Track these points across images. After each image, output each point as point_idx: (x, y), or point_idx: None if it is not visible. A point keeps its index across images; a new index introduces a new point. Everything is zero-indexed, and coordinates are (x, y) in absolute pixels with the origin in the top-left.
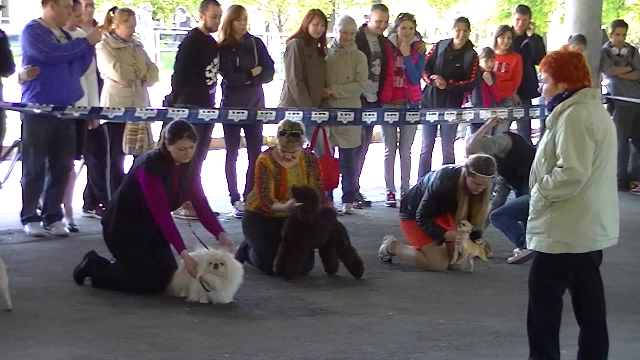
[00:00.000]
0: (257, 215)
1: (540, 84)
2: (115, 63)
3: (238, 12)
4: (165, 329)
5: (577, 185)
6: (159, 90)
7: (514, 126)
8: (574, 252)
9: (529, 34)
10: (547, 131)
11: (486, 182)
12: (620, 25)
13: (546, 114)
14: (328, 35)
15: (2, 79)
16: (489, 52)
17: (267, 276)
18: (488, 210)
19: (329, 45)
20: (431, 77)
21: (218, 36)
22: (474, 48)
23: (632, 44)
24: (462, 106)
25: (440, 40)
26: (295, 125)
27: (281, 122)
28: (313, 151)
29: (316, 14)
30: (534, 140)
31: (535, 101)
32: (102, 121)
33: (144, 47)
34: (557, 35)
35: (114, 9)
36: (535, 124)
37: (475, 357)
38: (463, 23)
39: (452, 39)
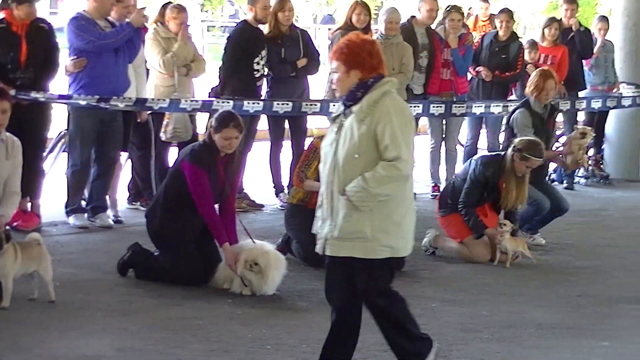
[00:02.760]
0: (300, 208)
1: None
2: (160, 51)
3: (282, 3)
4: (209, 320)
5: (407, 179)
6: (207, 82)
7: (560, 117)
8: (397, 256)
9: (574, 28)
10: (350, 124)
11: (537, 165)
12: None
13: (593, 106)
14: (374, 27)
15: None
16: (532, 44)
17: (311, 268)
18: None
19: (374, 37)
20: (477, 69)
21: (265, 28)
22: (519, 39)
23: None
24: (508, 98)
25: (486, 33)
26: None
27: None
28: None
29: (359, 4)
30: None
31: (581, 94)
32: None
33: (192, 38)
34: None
35: (167, 5)
36: (581, 116)
37: (517, 349)
38: (505, 14)
39: (497, 31)
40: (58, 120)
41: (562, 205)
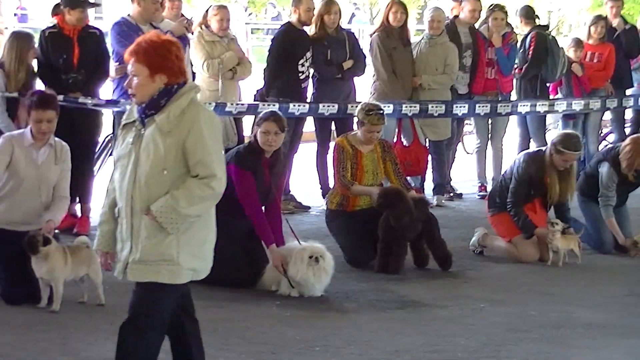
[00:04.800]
0: (339, 213)
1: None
2: (206, 59)
3: (329, 6)
4: (256, 322)
5: (219, 198)
6: (252, 85)
7: (607, 116)
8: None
9: (618, 28)
10: (152, 135)
11: (574, 158)
12: None
13: None
14: (419, 27)
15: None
16: (578, 43)
17: (358, 269)
18: (575, 184)
19: (418, 38)
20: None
21: (310, 29)
22: (534, 31)
23: None
24: (556, 97)
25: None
26: (378, 105)
27: (361, 104)
28: (402, 137)
29: (395, 3)
30: (627, 131)
31: (628, 92)
32: None
33: (237, 40)
34: None
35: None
36: (628, 114)
37: (567, 349)
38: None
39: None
40: (104, 125)
41: (622, 249)
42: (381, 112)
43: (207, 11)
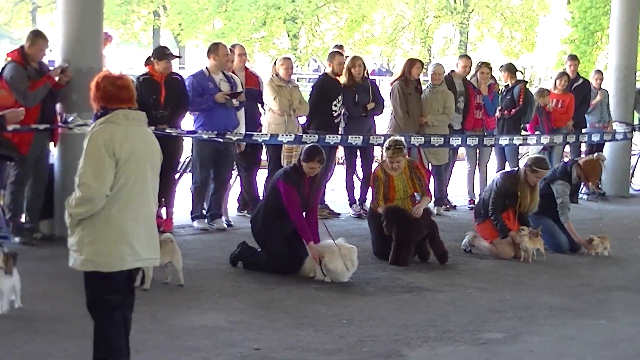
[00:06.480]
0: (379, 215)
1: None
2: (276, 97)
3: (354, 61)
4: (298, 301)
5: (92, 202)
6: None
7: (567, 148)
8: (103, 271)
9: (580, 81)
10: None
11: (544, 174)
12: None
13: (593, 139)
14: (424, 78)
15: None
16: (543, 91)
17: (376, 261)
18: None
19: (424, 86)
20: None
21: (342, 79)
22: (519, 84)
23: None
24: (529, 134)
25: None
26: (399, 141)
27: (387, 140)
28: None
29: (417, 61)
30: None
31: (583, 131)
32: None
33: (299, 87)
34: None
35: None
36: (583, 147)
37: (534, 326)
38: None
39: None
40: (185, 148)
41: (576, 247)
42: (399, 147)
43: (275, 62)
